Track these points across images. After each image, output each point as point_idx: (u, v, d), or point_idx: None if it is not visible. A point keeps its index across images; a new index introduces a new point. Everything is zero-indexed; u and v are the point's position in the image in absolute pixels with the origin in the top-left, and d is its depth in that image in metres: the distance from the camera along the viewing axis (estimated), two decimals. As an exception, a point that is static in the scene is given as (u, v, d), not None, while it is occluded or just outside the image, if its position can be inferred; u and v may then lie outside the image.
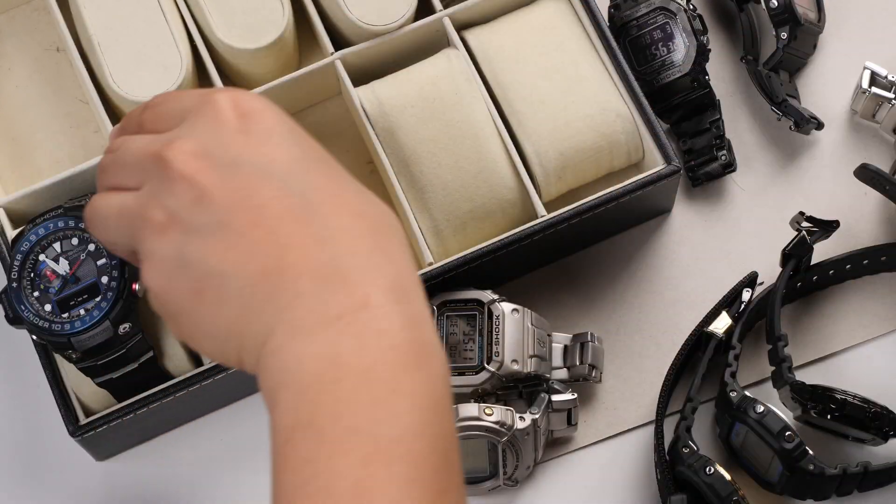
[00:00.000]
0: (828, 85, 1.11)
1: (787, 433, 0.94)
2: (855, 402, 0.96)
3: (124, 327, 0.94)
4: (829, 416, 0.97)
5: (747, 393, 0.96)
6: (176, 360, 0.99)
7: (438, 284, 0.99)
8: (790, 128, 1.07)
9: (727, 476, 0.95)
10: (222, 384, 0.99)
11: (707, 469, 0.95)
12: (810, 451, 0.94)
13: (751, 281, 1.01)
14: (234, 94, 0.71)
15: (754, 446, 0.96)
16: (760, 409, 0.94)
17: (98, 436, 0.98)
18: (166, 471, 1.03)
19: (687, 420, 0.98)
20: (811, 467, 0.94)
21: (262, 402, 1.03)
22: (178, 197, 0.68)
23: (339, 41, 1.06)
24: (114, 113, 1.05)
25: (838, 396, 0.96)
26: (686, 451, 0.96)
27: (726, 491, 0.94)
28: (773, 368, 0.98)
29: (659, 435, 0.98)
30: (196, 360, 1.00)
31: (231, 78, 1.05)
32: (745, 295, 1.01)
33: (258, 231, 0.66)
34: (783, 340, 0.97)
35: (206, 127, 0.70)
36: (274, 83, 1.03)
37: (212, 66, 1.03)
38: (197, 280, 0.67)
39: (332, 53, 1.04)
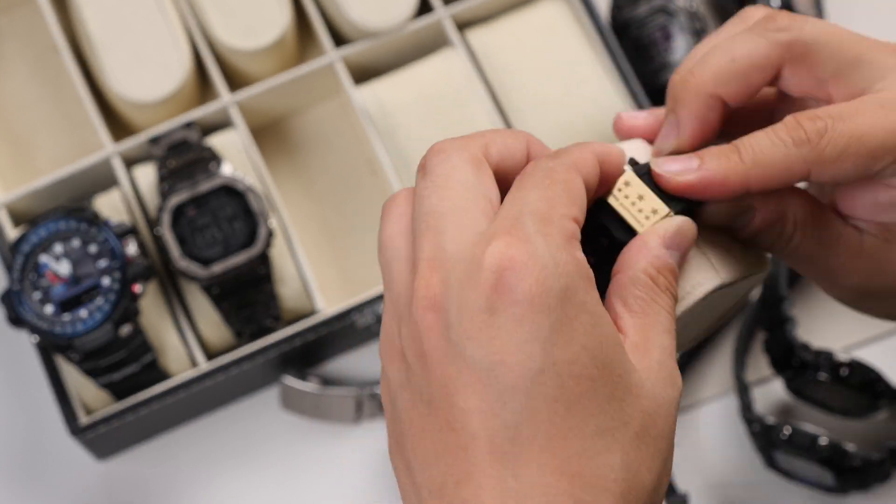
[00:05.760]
0: (827, 85, 1.10)
1: (819, 443, 0.93)
2: (863, 364, 0.95)
3: (126, 329, 0.94)
4: (838, 374, 0.95)
5: (767, 419, 0.96)
6: (177, 361, 0.99)
7: (439, 285, 0.99)
8: (790, 128, 1.07)
9: None
10: (222, 385, 0.99)
11: None
12: (848, 447, 0.94)
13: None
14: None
15: (801, 465, 0.96)
16: (787, 431, 0.94)
17: (98, 436, 0.98)
18: (166, 471, 1.03)
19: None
20: (856, 462, 0.94)
21: (262, 402, 1.04)
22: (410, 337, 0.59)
23: (339, 41, 1.06)
24: (114, 113, 1.05)
25: (844, 358, 0.95)
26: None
27: None
28: (770, 333, 0.98)
29: None
30: (196, 361, 1.00)
31: (231, 78, 1.05)
32: None
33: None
34: (788, 300, 0.97)
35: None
36: (274, 83, 1.03)
37: (212, 66, 1.03)
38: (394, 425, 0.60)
39: (331, 53, 1.04)
